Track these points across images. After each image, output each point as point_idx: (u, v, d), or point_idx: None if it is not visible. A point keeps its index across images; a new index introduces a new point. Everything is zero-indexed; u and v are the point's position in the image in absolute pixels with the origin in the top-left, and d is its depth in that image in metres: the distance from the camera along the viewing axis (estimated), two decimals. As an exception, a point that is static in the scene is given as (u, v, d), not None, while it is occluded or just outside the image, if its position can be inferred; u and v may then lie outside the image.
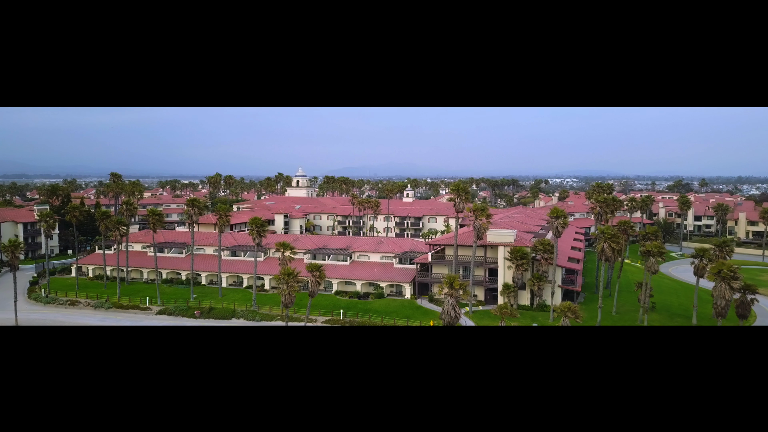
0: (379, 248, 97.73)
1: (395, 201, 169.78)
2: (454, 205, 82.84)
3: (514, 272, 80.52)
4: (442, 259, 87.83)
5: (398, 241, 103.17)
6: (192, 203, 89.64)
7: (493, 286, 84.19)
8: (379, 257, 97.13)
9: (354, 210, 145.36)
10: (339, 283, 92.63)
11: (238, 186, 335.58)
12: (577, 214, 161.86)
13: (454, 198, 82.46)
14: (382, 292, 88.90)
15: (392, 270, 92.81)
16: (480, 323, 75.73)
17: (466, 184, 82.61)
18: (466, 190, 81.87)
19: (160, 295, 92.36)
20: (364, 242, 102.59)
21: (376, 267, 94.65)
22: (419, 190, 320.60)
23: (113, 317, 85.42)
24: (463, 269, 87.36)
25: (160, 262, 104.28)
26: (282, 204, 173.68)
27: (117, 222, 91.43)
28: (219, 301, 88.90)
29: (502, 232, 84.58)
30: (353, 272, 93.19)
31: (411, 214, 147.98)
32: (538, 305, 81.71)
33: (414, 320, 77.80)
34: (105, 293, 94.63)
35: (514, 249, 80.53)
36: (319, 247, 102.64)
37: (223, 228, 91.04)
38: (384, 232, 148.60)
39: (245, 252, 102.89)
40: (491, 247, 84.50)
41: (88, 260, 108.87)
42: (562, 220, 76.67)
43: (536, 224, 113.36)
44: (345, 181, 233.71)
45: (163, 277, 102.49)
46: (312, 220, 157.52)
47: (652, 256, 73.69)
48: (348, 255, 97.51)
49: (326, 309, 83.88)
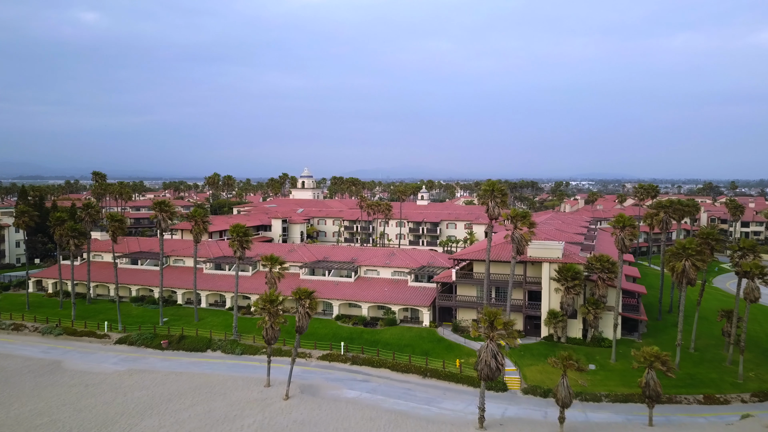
0: (390, 262, 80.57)
1: (408, 204, 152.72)
2: (486, 210, 65.44)
3: (562, 296, 62.99)
4: (470, 277, 70.43)
5: (414, 253, 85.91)
6: (160, 206, 73.08)
7: (534, 312, 66.67)
8: (390, 273, 79.95)
9: (362, 214, 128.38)
10: (341, 305, 75.64)
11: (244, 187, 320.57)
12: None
13: (487, 202, 65.09)
14: (394, 318, 71.71)
15: (406, 290, 75.62)
16: (526, 370, 58.08)
17: (503, 186, 65.29)
18: (502, 192, 64.50)
19: (125, 318, 75.99)
20: (373, 254, 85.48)
21: (386, 285, 77.49)
22: (433, 192, 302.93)
23: (61, 347, 69.07)
24: (495, 290, 69.93)
25: (131, 276, 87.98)
26: (284, 207, 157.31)
27: (71, 229, 75.05)
28: (194, 327, 72.26)
29: (548, 244, 67.04)
30: (359, 292, 76.08)
31: (427, 219, 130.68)
32: (593, 338, 64.01)
33: (435, 357, 60.60)
34: (59, 315, 78.42)
35: (564, 266, 63.01)
36: (318, 260, 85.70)
37: (199, 237, 74.40)
38: (396, 239, 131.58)
39: (231, 265, 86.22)
40: (532, 263, 67.02)
41: (46, 273, 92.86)
42: (630, 230, 58.88)
43: (576, 232, 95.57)
44: (354, 182, 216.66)
45: (133, 295, 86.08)
46: (315, 226, 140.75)
47: (751, 278, 55.72)
48: (353, 270, 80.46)
49: (324, 340, 66.88)
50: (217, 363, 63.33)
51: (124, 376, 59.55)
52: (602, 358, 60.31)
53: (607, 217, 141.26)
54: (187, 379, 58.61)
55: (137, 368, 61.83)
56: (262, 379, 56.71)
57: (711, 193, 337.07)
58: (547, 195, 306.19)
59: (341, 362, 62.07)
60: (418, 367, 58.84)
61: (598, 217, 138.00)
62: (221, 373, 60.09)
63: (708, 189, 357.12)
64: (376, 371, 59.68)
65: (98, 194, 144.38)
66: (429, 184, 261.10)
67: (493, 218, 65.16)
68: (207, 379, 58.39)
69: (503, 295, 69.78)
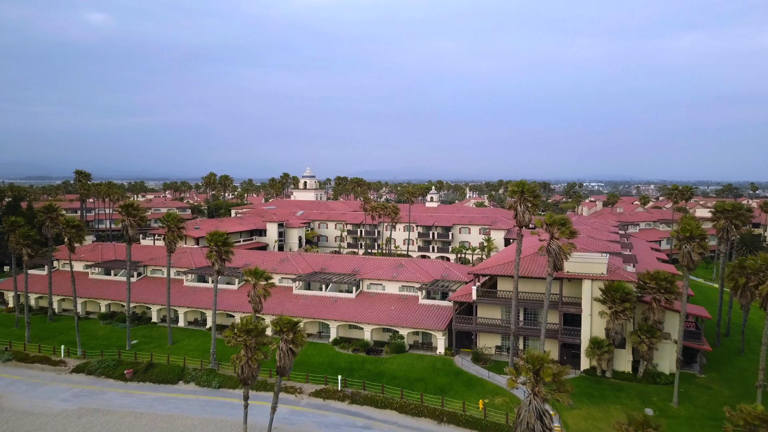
0: (398, 275, 69.18)
1: (417, 206, 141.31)
2: (514, 215, 53.82)
3: (608, 321, 51.41)
4: (493, 295, 58.90)
5: (425, 264, 74.44)
6: (127, 210, 62.03)
7: (572, 340, 55.10)
8: (397, 288, 68.57)
9: (367, 218, 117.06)
10: (340, 327, 64.42)
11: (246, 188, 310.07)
12: (642, 224, 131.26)
13: (516, 205, 53.52)
14: (402, 344, 60.37)
15: (417, 309, 64.25)
16: (566, 416, 46.48)
17: (534, 186, 53.80)
18: (533, 194, 52.97)
19: (88, 339, 65.14)
20: (377, 264, 74.13)
21: (393, 302, 66.18)
22: (441, 193, 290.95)
23: (6, 376, 58.10)
24: (524, 311, 58.45)
25: (101, 289, 77.11)
26: (283, 209, 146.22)
27: (24, 236, 64.17)
28: (167, 351, 61.28)
29: (589, 257, 55.39)
30: (361, 311, 64.78)
31: (438, 223, 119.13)
32: (645, 373, 52.33)
33: (452, 395, 49.30)
34: (13, 335, 67.62)
35: (610, 285, 51.45)
36: (314, 271, 74.49)
37: (173, 245, 63.27)
38: (404, 244, 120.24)
39: (223, 273, 74.88)
40: (569, 280, 55.45)
41: (5, 285, 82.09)
42: (699, 242, 47.04)
43: (609, 239, 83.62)
44: (359, 183, 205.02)
45: (102, 311, 75.18)
46: (316, 229, 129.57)
47: None
48: (354, 284, 69.18)
49: (318, 371, 55.68)
50: (189, 400, 52.27)
51: (71, 418, 48.56)
52: (660, 399, 48.67)
53: (633, 221, 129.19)
54: (149, 422, 47.57)
55: (90, 406, 50.85)
56: (238, 424, 45.68)
57: (731, 195, 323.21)
58: (561, 197, 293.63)
59: (338, 400, 50.82)
60: (432, 409, 47.51)
61: (623, 221, 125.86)
62: (191, 414, 49.01)
63: (727, 191, 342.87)
64: (381, 413, 48.38)
65: (82, 196, 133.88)
66: (438, 185, 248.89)
67: (522, 225, 53.66)
68: (172, 424, 47.33)
69: (532, 317, 58.31)
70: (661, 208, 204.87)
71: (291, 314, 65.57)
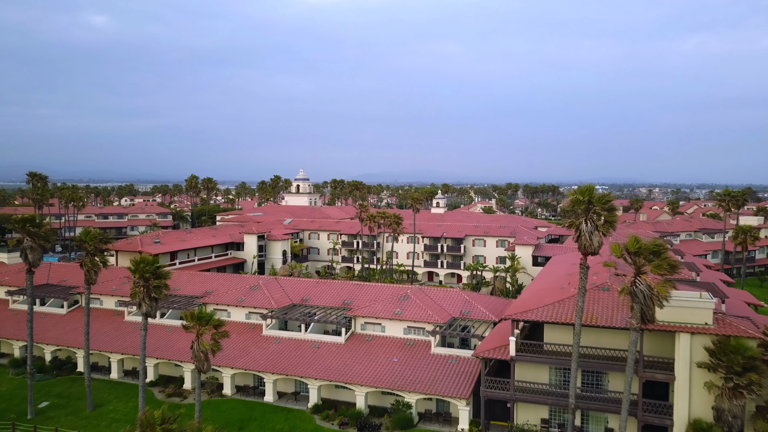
0: (403, 311, 51.73)
1: (422, 213, 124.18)
2: (577, 237, 36.26)
3: (718, 397, 34.06)
4: (537, 350, 41.45)
5: (438, 295, 56.84)
6: (23, 224, 44.65)
7: (660, 420, 37.67)
8: (402, 329, 51.20)
9: (364, 228, 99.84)
10: (324, 387, 47.12)
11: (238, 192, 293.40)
12: (683, 234, 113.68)
13: (579, 223, 36.04)
14: (408, 415, 43.08)
15: (429, 362, 46.93)
16: None
17: (606, 196, 36.70)
18: (607, 206, 35.64)
19: (-21, 402, 47.84)
20: (376, 294, 56.70)
21: (396, 350, 48.86)
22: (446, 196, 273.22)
23: None
24: (580, 373, 41.02)
25: (22, 324, 59.69)
26: (271, 216, 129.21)
27: None
28: (82, 423, 44.04)
29: (684, 296, 37.65)
30: (352, 364, 47.44)
31: (448, 234, 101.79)
32: (775, 475, 34.86)
33: None
34: None
35: (723, 343, 34.16)
36: (292, 304, 57.19)
37: (93, 276, 45.97)
38: (408, 258, 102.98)
39: (171, 308, 57.77)
40: (651, 331, 37.95)
41: None
42: None
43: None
44: (357, 187, 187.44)
45: (16, 355, 57.81)
46: (306, 241, 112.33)
47: None
48: (344, 324, 51.81)
49: (287, 464, 38.37)
50: None
51: None
52: None
53: (673, 231, 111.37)
54: None
55: None
56: None
57: (752, 199, 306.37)
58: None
59: None
60: None
61: (661, 231, 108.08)
62: None
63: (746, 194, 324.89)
64: None
65: (36, 201, 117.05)
66: (444, 188, 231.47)
67: (590, 253, 36.27)
68: None
69: (593, 381, 40.94)
70: (682, 213, 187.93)
71: (256, 367, 48.29)
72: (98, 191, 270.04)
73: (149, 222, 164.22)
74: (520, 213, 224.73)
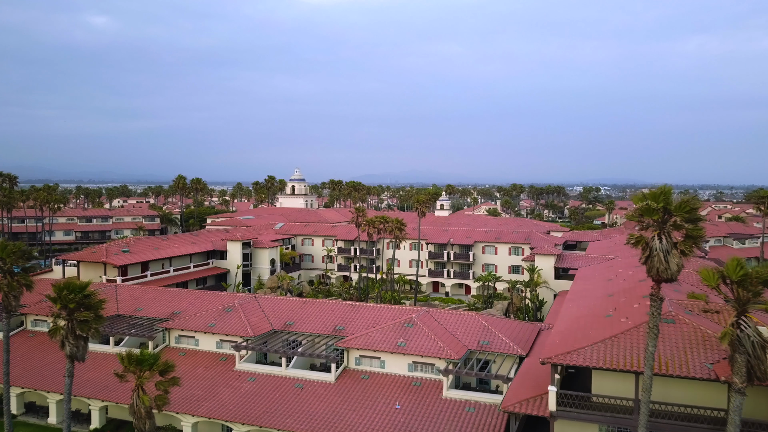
0: (406, 342, 41.93)
1: (425, 216, 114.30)
2: (646, 259, 26.61)
3: None
4: (585, 403, 31.66)
5: (449, 320, 46.96)
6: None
7: (756, 504, 27.82)
8: (406, 365, 41.39)
9: (362, 233, 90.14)
10: (307, 441, 37.34)
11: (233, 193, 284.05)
12: (712, 240, 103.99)
13: (648, 239, 26.39)
14: (416, 486, 33.23)
15: (441, 410, 37.18)
16: None
17: (691, 201, 27.37)
18: (690, 216, 26.13)
19: None
20: (373, 318, 47.01)
21: (399, 394, 39.10)
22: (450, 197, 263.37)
23: None
24: (645, 433, 31.15)
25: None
26: (263, 219, 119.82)
27: None
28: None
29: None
30: (343, 414, 37.66)
31: (455, 240, 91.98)
32: None
33: None
34: None
35: None
36: (273, 329, 47.44)
37: (12, 301, 36.25)
38: (411, 266, 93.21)
39: (125, 336, 48.03)
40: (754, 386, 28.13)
41: None
42: None
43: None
44: (356, 187, 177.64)
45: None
46: (299, 247, 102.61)
47: None
48: (335, 358, 42.03)
49: None
50: None
51: None
52: None
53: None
54: None
55: None
56: None
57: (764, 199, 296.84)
58: (581, 202, 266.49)
59: None
60: None
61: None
62: None
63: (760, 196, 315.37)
64: None
65: (4, 204, 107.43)
66: (450, 189, 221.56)
67: (665, 279, 26.51)
68: None
69: (663, 444, 31.09)
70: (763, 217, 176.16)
71: (223, 415, 38.47)
72: (88, 192, 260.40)
73: (135, 225, 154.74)
74: (525, 215, 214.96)
